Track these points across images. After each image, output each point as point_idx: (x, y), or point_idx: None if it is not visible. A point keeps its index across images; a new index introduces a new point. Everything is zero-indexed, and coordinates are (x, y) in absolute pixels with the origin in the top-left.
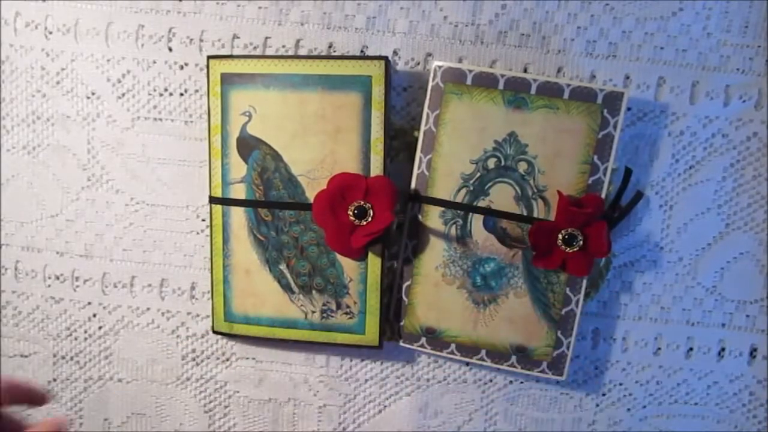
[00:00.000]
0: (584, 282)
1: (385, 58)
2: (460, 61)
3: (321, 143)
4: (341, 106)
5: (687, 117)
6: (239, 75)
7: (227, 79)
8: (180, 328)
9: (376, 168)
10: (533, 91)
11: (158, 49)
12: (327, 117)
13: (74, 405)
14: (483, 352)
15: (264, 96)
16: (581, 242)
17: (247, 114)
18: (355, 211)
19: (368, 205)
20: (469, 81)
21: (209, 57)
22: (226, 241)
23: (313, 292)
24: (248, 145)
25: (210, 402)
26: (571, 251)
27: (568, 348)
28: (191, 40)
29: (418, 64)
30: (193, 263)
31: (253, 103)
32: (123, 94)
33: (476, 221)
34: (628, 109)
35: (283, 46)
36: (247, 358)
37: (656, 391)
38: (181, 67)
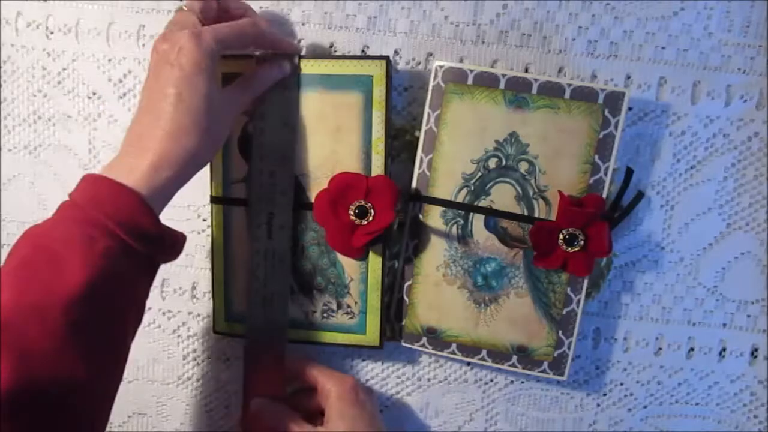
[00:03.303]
0: (585, 282)
1: (386, 58)
2: (461, 60)
3: (322, 143)
4: (342, 105)
5: (688, 117)
6: (240, 75)
7: (228, 80)
8: (181, 328)
9: (377, 168)
10: (534, 90)
11: None
12: (328, 117)
13: None
14: (484, 352)
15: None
16: (582, 242)
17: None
18: (356, 211)
19: (369, 204)
20: (470, 81)
21: None
22: (227, 240)
23: (314, 291)
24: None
25: (211, 402)
26: (572, 251)
27: (569, 348)
28: None
29: (419, 63)
30: (194, 263)
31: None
32: (124, 94)
33: (477, 221)
34: (630, 108)
35: None
36: None
37: (657, 391)
38: None
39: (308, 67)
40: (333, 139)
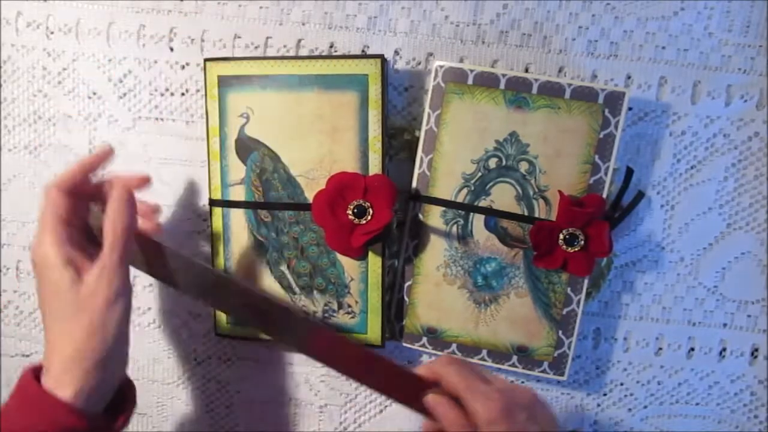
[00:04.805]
0: (585, 282)
1: (381, 57)
2: (461, 60)
3: (319, 143)
4: (338, 105)
5: (688, 117)
6: (236, 77)
7: (224, 81)
8: (181, 328)
9: (375, 167)
10: (534, 90)
11: (159, 48)
12: (324, 117)
13: None
14: (484, 352)
15: (261, 97)
16: (582, 242)
17: (245, 116)
18: (355, 210)
19: (367, 203)
20: (470, 81)
21: (206, 60)
22: (226, 243)
23: (315, 292)
24: (246, 147)
25: (212, 402)
26: (572, 251)
27: (569, 348)
28: (192, 40)
29: (419, 63)
30: None
31: (251, 104)
32: (124, 94)
33: (477, 221)
34: (630, 108)
35: (285, 46)
36: (249, 358)
37: (657, 391)
38: (183, 67)
39: (304, 67)
40: (330, 139)
